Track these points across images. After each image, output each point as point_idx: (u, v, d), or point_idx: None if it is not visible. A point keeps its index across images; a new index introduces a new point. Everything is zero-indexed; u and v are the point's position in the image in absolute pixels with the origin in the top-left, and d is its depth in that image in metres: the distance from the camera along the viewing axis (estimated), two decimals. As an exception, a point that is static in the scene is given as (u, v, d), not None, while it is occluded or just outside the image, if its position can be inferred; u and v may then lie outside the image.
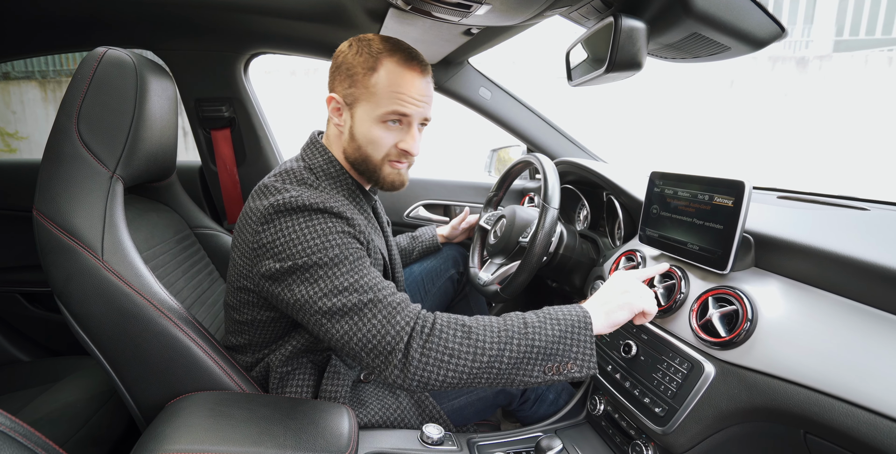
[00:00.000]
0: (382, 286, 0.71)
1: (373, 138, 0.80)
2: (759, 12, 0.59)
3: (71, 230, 0.79)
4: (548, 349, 0.67)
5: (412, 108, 0.79)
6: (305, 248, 0.70)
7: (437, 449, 0.84)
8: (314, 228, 0.71)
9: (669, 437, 0.74)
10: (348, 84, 0.80)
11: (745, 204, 0.69)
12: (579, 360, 0.69)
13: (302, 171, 0.82)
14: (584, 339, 0.69)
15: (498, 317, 0.71)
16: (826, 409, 0.55)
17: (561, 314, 0.70)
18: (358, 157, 0.83)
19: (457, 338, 0.67)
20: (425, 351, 0.66)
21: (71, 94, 0.84)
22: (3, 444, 0.47)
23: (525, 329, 0.68)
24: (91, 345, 0.79)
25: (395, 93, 0.77)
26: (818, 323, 0.62)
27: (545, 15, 0.77)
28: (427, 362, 0.65)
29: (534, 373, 0.68)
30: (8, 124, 6.25)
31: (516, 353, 0.66)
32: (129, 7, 1.15)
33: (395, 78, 0.77)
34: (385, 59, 0.78)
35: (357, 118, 0.80)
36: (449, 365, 0.66)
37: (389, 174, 0.84)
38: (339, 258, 0.70)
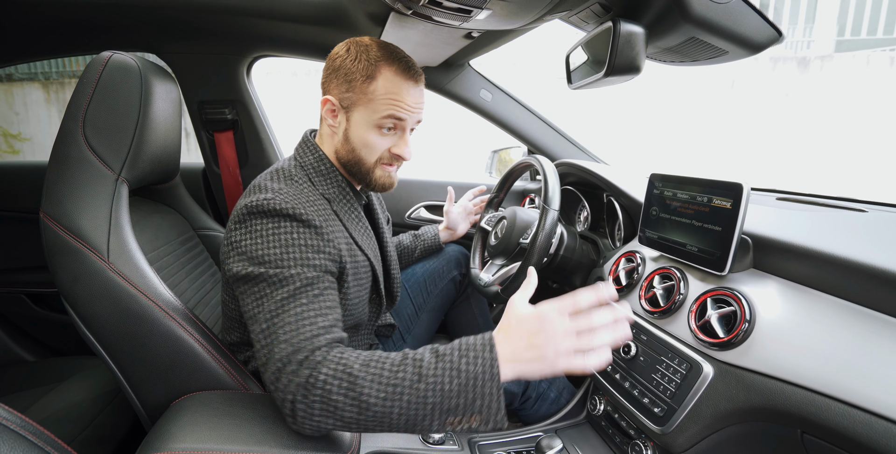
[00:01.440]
0: (306, 323, 0.67)
1: (368, 142, 0.82)
2: (756, 17, 0.60)
3: (77, 232, 0.80)
4: (445, 404, 0.59)
5: (407, 115, 0.82)
6: (264, 255, 0.71)
7: (439, 448, 0.85)
8: (279, 237, 0.72)
9: (668, 437, 0.74)
10: (346, 88, 0.81)
11: (744, 206, 0.70)
12: (484, 414, 0.59)
13: (292, 169, 0.84)
14: (490, 392, 0.59)
15: (395, 362, 0.63)
16: (823, 410, 0.55)
17: (464, 363, 0.60)
18: (351, 159, 0.85)
19: (341, 390, 0.61)
20: (309, 403, 0.61)
21: (77, 98, 0.86)
22: (14, 442, 0.47)
23: (418, 384, 0.59)
24: (97, 345, 0.80)
25: (393, 101, 0.80)
26: (816, 324, 0.63)
27: (545, 19, 0.78)
28: (313, 414, 0.62)
29: (432, 426, 0.61)
30: (11, 126, 6.28)
31: (407, 410, 0.60)
32: (132, 11, 1.16)
33: (392, 87, 0.80)
34: (384, 68, 0.80)
35: (353, 122, 0.82)
36: (335, 416, 0.61)
37: (380, 176, 0.86)
38: (288, 280, 0.69)
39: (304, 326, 0.67)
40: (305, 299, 0.69)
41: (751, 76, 5.06)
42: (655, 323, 0.83)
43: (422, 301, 1.22)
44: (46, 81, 6.28)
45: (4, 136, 6.07)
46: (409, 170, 1.74)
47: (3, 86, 6.29)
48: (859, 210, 0.91)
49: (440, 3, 0.71)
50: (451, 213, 1.32)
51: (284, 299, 0.68)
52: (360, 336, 0.98)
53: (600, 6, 0.66)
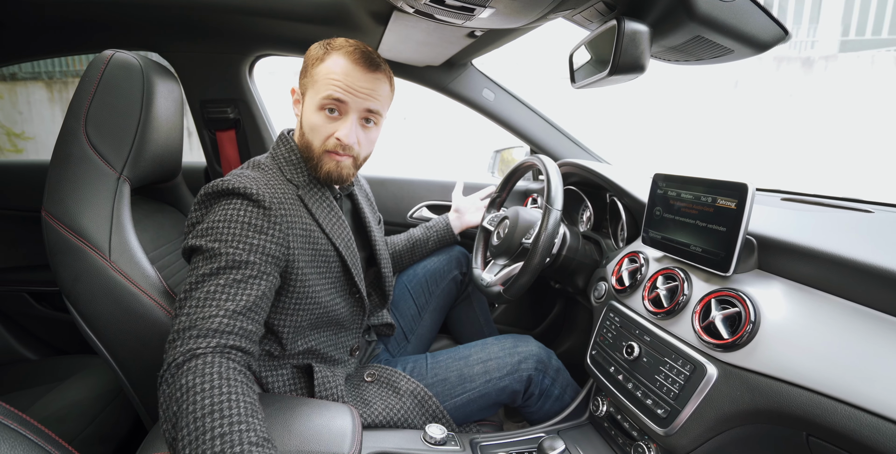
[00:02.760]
0: (212, 304, 0.65)
1: (312, 124, 0.84)
2: (762, 15, 0.59)
3: (79, 231, 0.80)
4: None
5: (348, 97, 0.81)
6: (208, 228, 0.72)
7: (441, 449, 0.85)
8: (225, 212, 0.74)
9: (671, 439, 0.74)
10: (303, 75, 0.86)
11: (748, 206, 0.69)
12: None
13: (262, 159, 0.87)
14: None
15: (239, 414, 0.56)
16: (828, 412, 0.55)
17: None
18: (303, 145, 0.87)
19: (174, 397, 0.57)
20: (167, 382, 0.60)
21: (79, 97, 0.86)
22: (15, 441, 0.47)
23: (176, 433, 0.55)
24: (98, 344, 0.80)
25: (333, 79, 0.81)
26: (821, 325, 0.62)
27: (548, 18, 0.77)
28: (161, 394, 0.60)
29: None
30: (14, 125, 6.30)
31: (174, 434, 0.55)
32: (135, 10, 1.16)
33: (336, 68, 0.81)
34: (335, 52, 0.82)
35: (305, 106, 0.86)
36: (163, 406, 0.59)
37: (326, 163, 0.86)
38: (218, 257, 0.69)
39: (208, 304, 0.65)
40: (223, 280, 0.68)
41: (755, 76, 5.04)
42: (659, 324, 0.83)
43: (424, 301, 1.22)
44: (50, 80, 6.29)
45: (8, 135, 6.08)
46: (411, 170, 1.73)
47: (7, 85, 6.31)
48: (865, 210, 0.90)
49: (443, 2, 0.71)
50: (458, 198, 1.35)
51: (205, 275, 0.68)
52: (346, 336, 0.97)
53: (604, 5, 0.65)
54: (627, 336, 0.88)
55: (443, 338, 1.38)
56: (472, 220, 1.32)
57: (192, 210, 0.79)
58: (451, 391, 0.96)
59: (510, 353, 1.00)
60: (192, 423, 0.54)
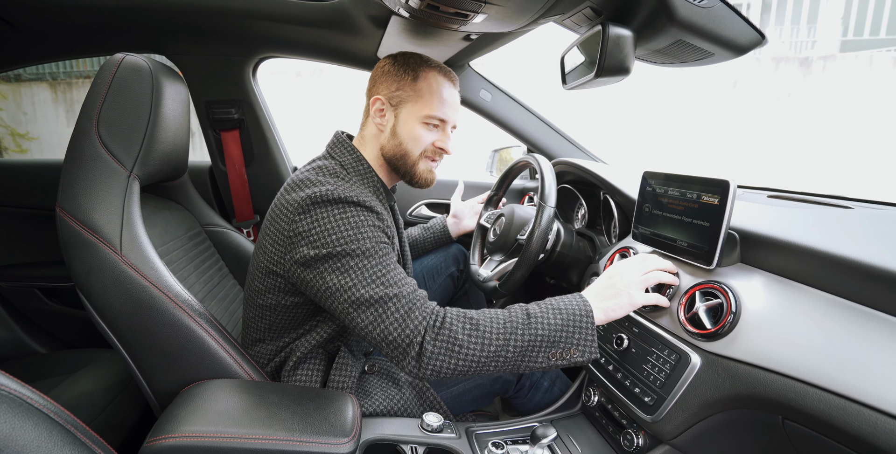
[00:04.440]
0: (406, 282, 0.76)
1: (415, 135, 0.90)
2: (739, 21, 0.62)
3: (91, 226, 0.84)
4: (551, 337, 0.72)
5: (451, 114, 0.92)
6: (340, 238, 0.75)
7: (437, 436, 0.88)
8: (349, 220, 0.77)
9: (658, 425, 0.77)
10: (395, 87, 0.90)
11: (730, 202, 0.72)
12: (581, 346, 0.73)
13: (334, 167, 0.89)
14: (586, 326, 0.73)
15: (503, 310, 0.76)
16: (801, 395, 0.58)
17: (563, 304, 0.75)
18: (397, 153, 0.91)
19: (465, 330, 0.71)
20: (437, 343, 0.70)
21: (91, 98, 0.89)
22: (39, 420, 0.51)
23: (528, 319, 0.73)
24: (111, 335, 0.84)
25: (440, 98, 0.90)
26: (797, 315, 0.65)
27: (539, 22, 0.80)
28: (438, 354, 0.70)
29: (538, 359, 0.73)
30: (19, 125, 6.35)
31: (521, 342, 0.71)
32: (143, 14, 1.20)
33: (438, 86, 0.90)
34: (427, 70, 0.90)
35: (401, 118, 0.90)
36: (458, 355, 0.70)
37: (424, 170, 0.93)
38: (370, 251, 0.76)
39: (406, 282, 0.75)
40: (392, 265, 0.77)
41: (753, 76, 5.06)
42: (647, 316, 0.86)
43: None
44: (54, 81, 6.35)
45: (13, 135, 6.14)
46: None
47: (12, 86, 6.36)
48: (845, 207, 0.93)
49: (438, 8, 0.74)
50: (456, 203, 1.39)
51: (376, 265, 0.75)
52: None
53: (591, 10, 0.68)
54: (617, 328, 0.91)
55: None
56: (470, 224, 1.38)
57: (294, 219, 0.79)
58: (446, 381, 0.99)
59: None
60: (513, 324, 0.73)
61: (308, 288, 0.80)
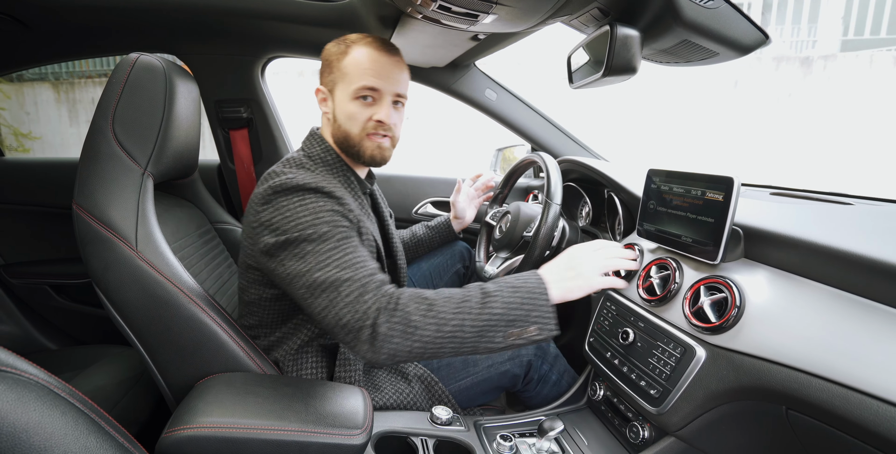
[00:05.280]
0: (362, 265, 0.75)
1: (350, 113, 0.88)
2: (743, 21, 0.64)
3: (108, 223, 0.85)
4: (508, 315, 0.71)
5: (380, 82, 0.87)
6: (297, 224, 0.76)
7: (446, 429, 0.90)
8: (307, 206, 0.78)
9: (664, 417, 0.79)
10: (327, 72, 0.90)
11: (734, 198, 0.74)
12: (539, 323, 0.72)
13: (302, 158, 0.90)
14: (542, 304, 0.73)
15: (460, 289, 0.75)
16: (804, 386, 0.59)
17: (519, 282, 0.75)
18: (341, 136, 0.90)
19: (420, 311, 0.70)
20: (391, 324, 0.69)
21: (106, 97, 0.91)
22: (65, 408, 0.52)
23: (484, 298, 0.72)
24: (127, 329, 0.85)
25: (364, 69, 0.86)
26: (800, 308, 0.67)
27: (547, 22, 0.82)
28: (393, 336, 0.69)
29: (496, 339, 0.72)
30: (22, 125, 6.36)
31: (478, 322, 0.70)
32: (155, 15, 1.21)
33: (362, 57, 0.87)
34: (355, 45, 0.88)
35: (337, 100, 0.90)
36: (413, 337, 0.69)
37: (369, 147, 0.91)
38: (326, 235, 0.76)
39: (362, 266, 0.75)
40: (350, 248, 0.76)
41: (754, 76, 5.08)
42: (652, 310, 0.88)
43: None
44: (57, 81, 6.36)
45: (15, 134, 6.15)
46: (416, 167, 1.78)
47: (14, 85, 6.37)
48: (846, 203, 0.95)
49: (449, 8, 0.76)
50: (457, 203, 1.37)
51: (332, 249, 0.75)
52: None
53: (599, 11, 0.70)
54: (623, 323, 0.93)
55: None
56: (471, 217, 1.39)
57: (257, 210, 0.81)
58: (455, 374, 1.01)
59: None
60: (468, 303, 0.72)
61: (274, 276, 0.80)
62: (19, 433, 0.44)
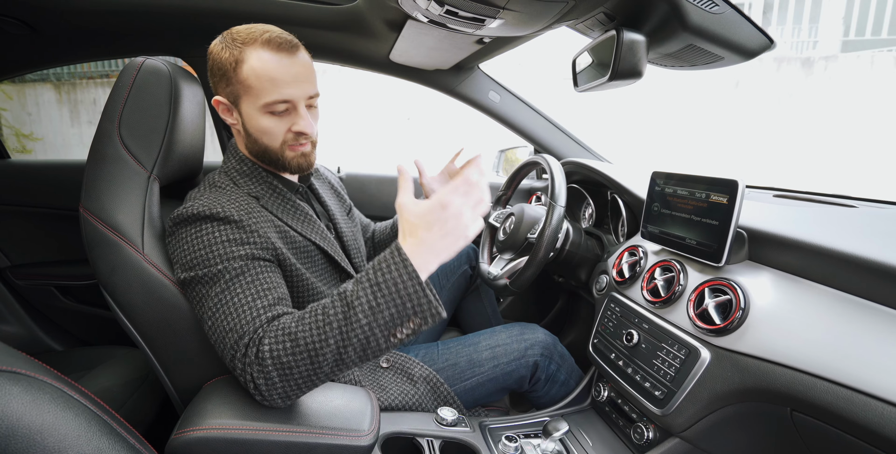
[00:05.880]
0: (247, 308, 0.70)
1: (264, 129, 0.81)
2: (749, 26, 0.65)
3: (114, 226, 0.86)
4: (378, 319, 0.61)
5: (291, 91, 0.78)
6: (192, 260, 0.74)
7: (452, 429, 0.90)
8: (201, 238, 0.75)
9: (668, 418, 0.79)
10: (225, 84, 0.80)
11: (739, 201, 0.75)
12: (420, 314, 0.62)
13: (216, 176, 0.87)
14: (416, 291, 0.61)
15: (325, 305, 0.65)
16: (809, 388, 0.60)
17: (381, 276, 0.62)
18: (258, 150, 0.85)
19: (286, 351, 0.64)
20: (266, 374, 0.64)
21: (113, 100, 0.91)
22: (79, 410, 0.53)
23: (348, 312, 0.62)
24: (133, 331, 0.86)
25: (269, 80, 0.76)
26: (804, 310, 0.67)
27: (553, 27, 0.83)
28: (274, 383, 0.65)
29: (382, 345, 0.63)
30: (23, 126, 6.37)
31: (349, 340, 0.62)
32: (161, 18, 1.22)
33: (262, 64, 0.76)
34: (247, 49, 0.76)
35: (245, 113, 0.82)
36: (293, 376, 0.64)
37: (293, 158, 0.85)
38: (218, 275, 0.72)
39: (243, 312, 0.69)
40: (239, 288, 0.71)
41: (755, 76, 5.08)
42: (656, 312, 0.88)
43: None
44: (58, 82, 6.37)
45: (17, 135, 6.16)
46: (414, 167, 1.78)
47: (16, 86, 6.39)
48: (849, 205, 0.95)
49: (456, 13, 0.76)
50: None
51: (220, 293, 0.71)
52: None
53: (605, 15, 0.71)
54: (627, 324, 0.93)
55: (451, 329, 1.44)
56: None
57: (167, 241, 0.81)
58: (460, 375, 1.01)
59: (517, 340, 1.06)
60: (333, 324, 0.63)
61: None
62: (34, 434, 0.45)
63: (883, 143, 4.57)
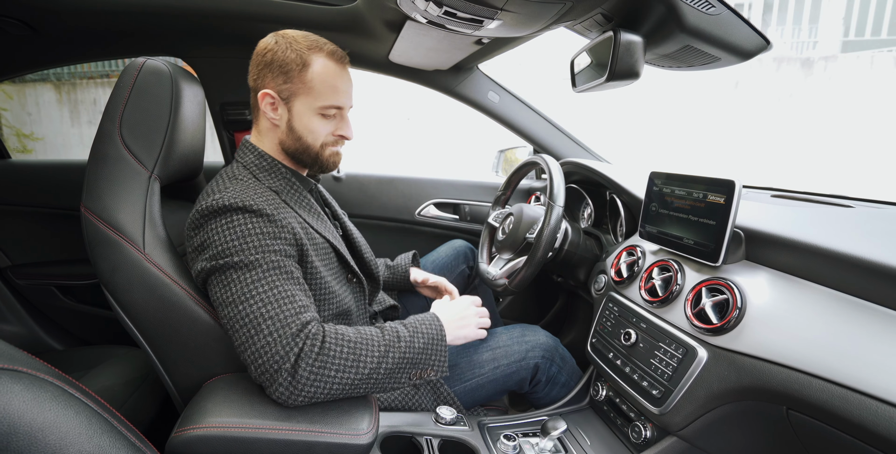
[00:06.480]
0: (288, 301, 0.72)
1: (312, 129, 0.87)
2: (745, 27, 0.65)
3: (116, 225, 0.86)
4: (414, 359, 0.77)
5: (346, 101, 0.88)
6: (225, 249, 0.74)
7: (451, 428, 0.91)
8: (234, 229, 0.75)
9: (666, 417, 0.80)
10: (283, 80, 0.84)
11: (736, 201, 0.75)
12: (436, 366, 0.80)
13: (234, 170, 0.88)
14: (441, 349, 0.80)
15: (378, 330, 0.78)
16: (804, 386, 0.60)
17: (424, 327, 0.81)
18: (298, 147, 0.89)
19: (343, 354, 0.71)
20: (313, 369, 0.69)
21: (114, 101, 0.91)
22: (79, 408, 0.53)
23: (399, 343, 0.76)
24: (134, 330, 0.86)
25: (332, 87, 0.85)
26: (800, 309, 0.68)
27: (551, 27, 0.83)
28: (314, 380, 0.69)
29: (402, 380, 0.77)
30: (24, 126, 6.38)
31: (391, 364, 0.74)
32: (162, 19, 1.22)
33: (326, 71, 0.85)
34: (315, 55, 0.84)
35: (295, 112, 0.86)
36: (334, 380, 0.70)
37: (330, 156, 0.91)
38: (254, 263, 0.73)
39: (286, 303, 0.72)
40: (278, 280, 0.74)
41: (755, 77, 5.09)
42: (654, 311, 0.89)
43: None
44: (59, 82, 6.38)
45: (17, 135, 6.17)
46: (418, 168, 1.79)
47: (16, 86, 6.39)
48: (846, 206, 0.96)
49: (455, 14, 0.77)
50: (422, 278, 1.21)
51: (258, 280, 0.72)
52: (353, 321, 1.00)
53: (602, 16, 0.71)
54: (625, 324, 0.94)
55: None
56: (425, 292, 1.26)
57: (191, 235, 0.81)
58: (460, 376, 1.02)
59: (518, 342, 1.06)
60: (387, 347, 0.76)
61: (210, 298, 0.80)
62: (36, 432, 0.45)
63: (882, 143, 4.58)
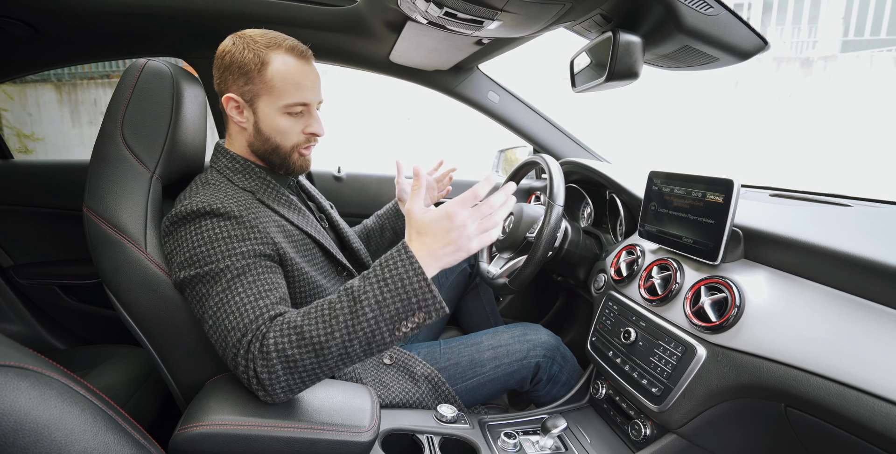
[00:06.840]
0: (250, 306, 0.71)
1: (280, 129, 0.85)
2: (743, 27, 0.66)
3: (118, 225, 0.87)
4: (385, 313, 0.63)
5: (311, 96, 0.85)
6: (193, 257, 0.74)
7: (451, 427, 0.91)
8: (202, 235, 0.75)
9: (665, 415, 0.80)
10: (243, 82, 0.83)
11: (734, 200, 0.76)
12: (425, 308, 0.64)
13: (208, 175, 0.88)
14: (421, 286, 0.63)
15: (331, 300, 0.67)
16: (802, 384, 0.61)
17: (387, 272, 0.64)
18: (267, 149, 0.87)
19: (292, 344, 0.65)
20: (270, 368, 0.65)
21: (116, 101, 0.92)
22: (84, 405, 0.54)
23: (355, 306, 0.64)
24: (137, 329, 0.87)
25: (294, 84, 0.82)
26: (798, 307, 0.68)
27: (551, 28, 0.84)
28: (278, 377, 0.65)
29: (387, 338, 0.65)
30: (24, 126, 6.39)
31: (356, 333, 0.63)
32: (163, 20, 1.23)
33: (286, 68, 0.82)
34: (273, 53, 0.82)
35: (260, 113, 0.85)
36: (297, 370, 0.65)
37: (298, 160, 0.90)
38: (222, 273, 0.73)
39: (246, 311, 0.70)
40: (241, 287, 0.72)
41: (754, 76, 5.09)
42: (654, 310, 0.89)
43: None
44: (59, 83, 6.39)
45: (18, 136, 6.18)
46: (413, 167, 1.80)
47: (17, 87, 6.40)
48: (844, 204, 0.96)
49: (455, 15, 0.77)
50: (403, 185, 1.22)
51: (221, 293, 0.72)
52: None
53: (601, 17, 0.72)
54: (625, 322, 0.94)
55: (450, 328, 1.45)
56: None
57: (163, 242, 0.81)
58: (462, 374, 1.02)
59: (520, 341, 1.07)
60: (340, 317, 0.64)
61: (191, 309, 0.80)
62: (41, 429, 0.46)
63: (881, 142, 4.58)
